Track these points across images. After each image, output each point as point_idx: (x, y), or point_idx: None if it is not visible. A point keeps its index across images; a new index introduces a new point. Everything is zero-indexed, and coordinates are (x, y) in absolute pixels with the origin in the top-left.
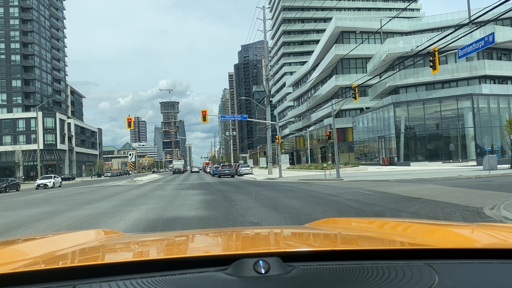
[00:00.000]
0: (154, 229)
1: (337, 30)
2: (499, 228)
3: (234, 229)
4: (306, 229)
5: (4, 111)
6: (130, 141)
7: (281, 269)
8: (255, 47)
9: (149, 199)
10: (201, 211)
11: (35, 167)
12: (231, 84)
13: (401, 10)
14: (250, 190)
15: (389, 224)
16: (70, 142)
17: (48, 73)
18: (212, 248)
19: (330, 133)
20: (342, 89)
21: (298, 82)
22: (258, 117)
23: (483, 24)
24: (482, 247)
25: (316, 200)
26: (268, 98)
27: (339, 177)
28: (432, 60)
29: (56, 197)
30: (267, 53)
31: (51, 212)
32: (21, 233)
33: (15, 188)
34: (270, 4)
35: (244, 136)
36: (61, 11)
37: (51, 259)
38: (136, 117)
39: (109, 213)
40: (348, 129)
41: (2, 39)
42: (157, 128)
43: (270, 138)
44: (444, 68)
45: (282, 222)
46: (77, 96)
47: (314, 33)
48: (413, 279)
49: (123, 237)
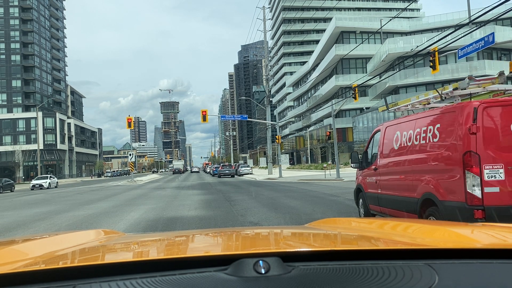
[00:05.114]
0: (154, 229)
1: (337, 30)
2: (499, 228)
3: (234, 229)
4: (306, 229)
5: (4, 111)
6: (130, 141)
7: (281, 269)
8: (255, 47)
9: (149, 199)
10: (201, 211)
11: (35, 167)
12: (231, 84)
13: (401, 10)
14: (250, 190)
15: (389, 224)
16: (70, 142)
17: (48, 73)
18: (212, 248)
19: (330, 133)
20: (342, 89)
21: (298, 82)
22: (258, 117)
23: (483, 24)
24: (482, 247)
25: (316, 200)
26: (268, 98)
27: (339, 177)
28: (432, 60)
29: (56, 197)
30: (267, 53)
31: (51, 212)
32: (21, 233)
33: (10, 189)
34: (270, 4)
35: (244, 136)
36: (61, 11)
37: (51, 259)
38: (136, 117)
39: (109, 213)
40: (348, 129)
41: (2, 39)
42: (157, 128)
43: (270, 138)
44: (444, 68)
45: (282, 222)
46: (77, 96)
47: (314, 33)
48: (413, 279)
49: (123, 237)
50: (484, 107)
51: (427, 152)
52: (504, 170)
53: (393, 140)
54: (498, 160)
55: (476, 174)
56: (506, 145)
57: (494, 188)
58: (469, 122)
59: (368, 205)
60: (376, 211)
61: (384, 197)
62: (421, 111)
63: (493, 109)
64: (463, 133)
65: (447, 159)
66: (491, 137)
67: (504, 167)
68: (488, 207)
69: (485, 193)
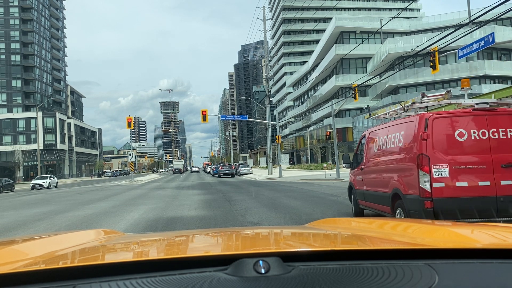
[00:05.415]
0: (154, 229)
1: (337, 30)
2: (499, 228)
3: (234, 229)
4: (306, 229)
5: (4, 111)
6: (130, 141)
7: (281, 269)
8: (255, 47)
9: (149, 199)
10: (201, 211)
11: (35, 167)
12: (231, 84)
13: (401, 10)
14: (250, 190)
15: (389, 224)
16: (70, 142)
17: (48, 73)
18: (212, 248)
19: (330, 133)
20: (342, 89)
21: (298, 82)
22: (258, 117)
23: (483, 24)
24: (482, 247)
25: (316, 200)
26: (268, 98)
27: (339, 177)
28: (432, 60)
29: (56, 197)
30: (267, 53)
31: (51, 212)
32: (21, 233)
33: (10, 189)
34: (270, 4)
35: (244, 136)
36: (61, 11)
37: (51, 259)
38: (136, 117)
39: (109, 213)
40: (348, 129)
41: (2, 39)
42: (157, 128)
43: (270, 138)
44: (444, 68)
45: (282, 222)
46: (77, 96)
47: (314, 33)
48: (413, 279)
49: (123, 237)
50: (434, 118)
51: (395, 154)
52: (448, 169)
53: (374, 144)
54: (444, 161)
55: (427, 172)
56: (451, 149)
57: (441, 184)
58: (422, 130)
59: (358, 200)
60: (363, 205)
61: (368, 193)
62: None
63: (441, 119)
64: (417, 139)
65: (407, 160)
66: (439, 142)
67: (449, 166)
68: (436, 199)
69: (434, 188)
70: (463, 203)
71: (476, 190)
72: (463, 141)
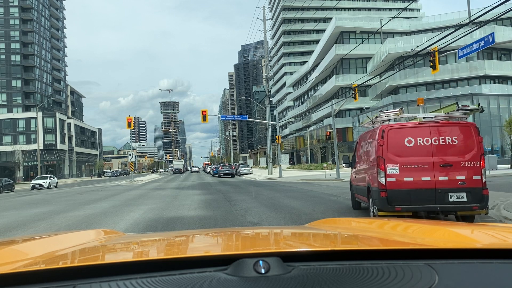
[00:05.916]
0: (154, 229)
1: (337, 30)
2: (499, 228)
3: (234, 229)
4: (306, 229)
5: (4, 111)
6: (130, 141)
7: (281, 269)
8: (255, 47)
9: (149, 199)
10: (201, 211)
11: (35, 167)
12: (231, 84)
13: (401, 10)
14: (250, 190)
15: (389, 224)
16: (70, 142)
17: (48, 73)
18: (212, 248)
19: (330, 133)
20: (342, 89)
21: (298, 82)
22: (258, 117)
23: (483, 24)
24: (482, 247)
25: (316, 200)
26: (268, 98)
27: (339, 177)
28: (432, 60)
29: (56, 197)
30: (267, 53)
31: (51, 212)
32: (21, 233)
33: (10, 189)
34: (270, 4)
35: (244, 136)
36: (61, 11)
37: (51, 259)
38: (136, 117)
39: (109, 213)
40: (348, 129)
41: (2, 39)
42: (157, 128)
43: (270, 138)
44: (444, 68)
45: (282, 222)
46: (77, 96)
47: (314, 33)
48: (413, 279)
49: (123, 237)
50: (389, 129)
51: (369, 156)
52: (399, 168)
53: (360, 147)
54: (396, 162)
55: (382, 170)
56: (401, 152)
57: (393, 179)
58: (380, 138)
59: (354, 194)
60: (357, 198)
61: (357, 187)
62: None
63: (394, 130)
64: (376, 145)
65: (372, 161)
66: (392, 147)
67: (399, 166)
68: (389, 190)
69: (387, 182)
70: (410, 193)
71: (419, 183)
72: (411, 147)
